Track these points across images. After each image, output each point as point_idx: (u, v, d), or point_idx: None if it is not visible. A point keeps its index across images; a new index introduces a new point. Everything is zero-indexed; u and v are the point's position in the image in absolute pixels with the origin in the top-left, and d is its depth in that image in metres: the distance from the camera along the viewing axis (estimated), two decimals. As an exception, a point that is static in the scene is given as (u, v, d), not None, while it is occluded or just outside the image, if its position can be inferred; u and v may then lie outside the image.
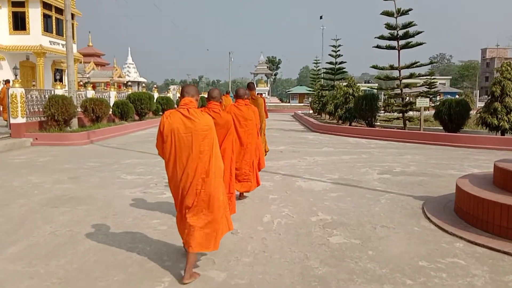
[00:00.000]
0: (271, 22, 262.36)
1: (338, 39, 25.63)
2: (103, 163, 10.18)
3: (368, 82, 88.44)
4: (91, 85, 26.22)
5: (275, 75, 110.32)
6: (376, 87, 26.06)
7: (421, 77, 17.77)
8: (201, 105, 6.55)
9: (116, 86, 49.62)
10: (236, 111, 6.19)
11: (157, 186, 7.59)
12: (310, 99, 39.87)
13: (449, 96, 61.84)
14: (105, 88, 49.71)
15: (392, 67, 16.74)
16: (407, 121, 16.99)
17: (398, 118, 17.26)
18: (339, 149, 13.18)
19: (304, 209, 6.07)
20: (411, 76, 16.64)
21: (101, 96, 19.85)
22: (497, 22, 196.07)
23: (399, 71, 17.00)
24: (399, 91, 17.71)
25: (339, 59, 25.99)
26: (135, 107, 21.89)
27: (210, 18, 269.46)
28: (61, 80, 32.46)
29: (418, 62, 16.37)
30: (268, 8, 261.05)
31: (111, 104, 20.58)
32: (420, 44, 16.31)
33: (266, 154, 9.19)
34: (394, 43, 16.77)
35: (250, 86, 8.18)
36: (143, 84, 43.75)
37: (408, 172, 9.06)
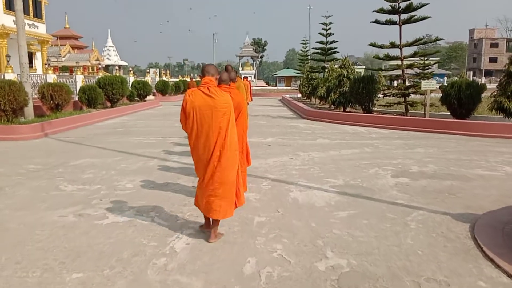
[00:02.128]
0: (256, 2, 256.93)
1: (329, 16, 23.55)
2: (46, 165, 8.10)
3: (355, 64, 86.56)
4: (68, 69, 23.97)
5: (261, 57, 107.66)
6: (364, 69, 24.17)
7: (426, 56, 15.84)
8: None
9: (92, 70, 46.86)
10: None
11: (101, 202, 5.58)
12: (298, 82, 37.86)
13: (437, 78, 60.38)
14: (82, 71, 47.07)
15: (393, 45, 14.78)
16: (409, 106, 15.15)
17: (399, 103, 15.40)
18: (337, 140, 11.28)
19: (305, 243, 4.16)
20: (415, 54, 14.74)
21: (63, 81, 17.57)
22: (485, 2, 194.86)
23: (401, 49, 15.07)
24: (400, 73, 15.83)
25: (330, 38, 23.95)
26: (106, 92, 19.67)
27: None
28: (30, 63, 29.79)
29: (423, 38, 14.47)
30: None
31: (78, 90, 18.35)
32: (425, 18, 14.38)
33: None
34: (395, 17, 14.79)
35: (228, 69, 6.94)
36: (116, 68, 41.07)
37: (429, 174, 7.21)
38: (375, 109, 17.20)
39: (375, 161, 8.34)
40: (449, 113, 14.67)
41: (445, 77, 67.02)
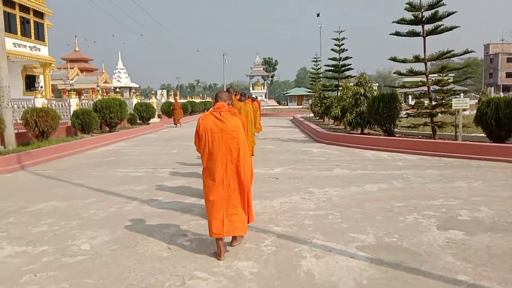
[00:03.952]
0: (266, 22, 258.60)
1: (342, 31, 22.02)
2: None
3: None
4: (76, 92, 22.79)
5: (272, 76, 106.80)
6: (377, 87, 22.37)
7: (454, 71, 14.20)
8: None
9: (102, 92, 46.38)
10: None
11: (34, 279, 3.91)
12: (310, 101, 36.33)
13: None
14: (91, 94, 46.15)
15: (417, 59, 13.09)
16: (436, 127, 13.36)
17: (425, 124, 13.61)
18: (358, 170, 9.54)
19: None
20: (442, 69, 13.00)
21: (56, 104, 16.23)
22: (497, 19, 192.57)
23: (425, 64, 13.38)
24: (423, 90, 14.14)
25: (343, 54, 22.37)
26: (103, 116, 18.28)
27: (203, 19, 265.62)
28: (32, 87, 28.71)
29: (452, 50, 12.76)
30: (262, 7, 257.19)
31: (71, 114, 16.99)
32: (452, 28, 12.72)
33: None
34: (418, 28, 13.17)
35: (229, 91, 7.36)
36: (117, 90, 39.95)
37: (486, 223, 5.42)
38: (397, 130, 15.42)
39: (410, 201, 6.58)
40: (482, 135, 12.88)
41: (462, 94, 64.78)
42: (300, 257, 4.35)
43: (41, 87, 19.04)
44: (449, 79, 20.96)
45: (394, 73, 13.84)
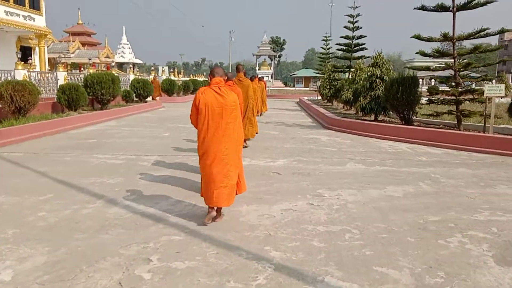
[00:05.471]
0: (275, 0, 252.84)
1: (356, 7, 20.23)
2: None
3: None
4: (63, 65, 21.45)
5: (279, 57, 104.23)
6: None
7: (487, 52, 12.59)
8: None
9: (102, 67, 44.52)
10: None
11: None
12: (318, 83, 34.56)
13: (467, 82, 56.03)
14: (92, 69, 44.68)
15: (446, 37, 11.43)
16: (462, 117, 11.80)
17: (450, 112, 12.02)
18: (375, 166, 8.07)
19: None
20: (474, 50, 11.38)
21: (42, 77, 14.76)
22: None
23: (453, 43, 11.75)
24: (449, 73, 12.53)
25: (357, 32, 20.61)
26: (94, 92, 16.81)
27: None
28: (25, 59, 27.09)
29: (487, 28, 11.08)
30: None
31: (58, 88, 15.53)
32: (487, 3, 11.05)
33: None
34: (448, 1, 11.48)
35: (238, 68, 9.05)
36: (113, 64, 38.13)
37: (561, 254, 3.99)
38: (414, 118, 13.85)
39: (448, 214, 5.13)
40: (513, 127, 11.39)
41: (473, 83, 62.45)
42: (306, 311, 2.95)
43: (19, 58, 17.47)
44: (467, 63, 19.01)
45: (416, 53, 12.21)
